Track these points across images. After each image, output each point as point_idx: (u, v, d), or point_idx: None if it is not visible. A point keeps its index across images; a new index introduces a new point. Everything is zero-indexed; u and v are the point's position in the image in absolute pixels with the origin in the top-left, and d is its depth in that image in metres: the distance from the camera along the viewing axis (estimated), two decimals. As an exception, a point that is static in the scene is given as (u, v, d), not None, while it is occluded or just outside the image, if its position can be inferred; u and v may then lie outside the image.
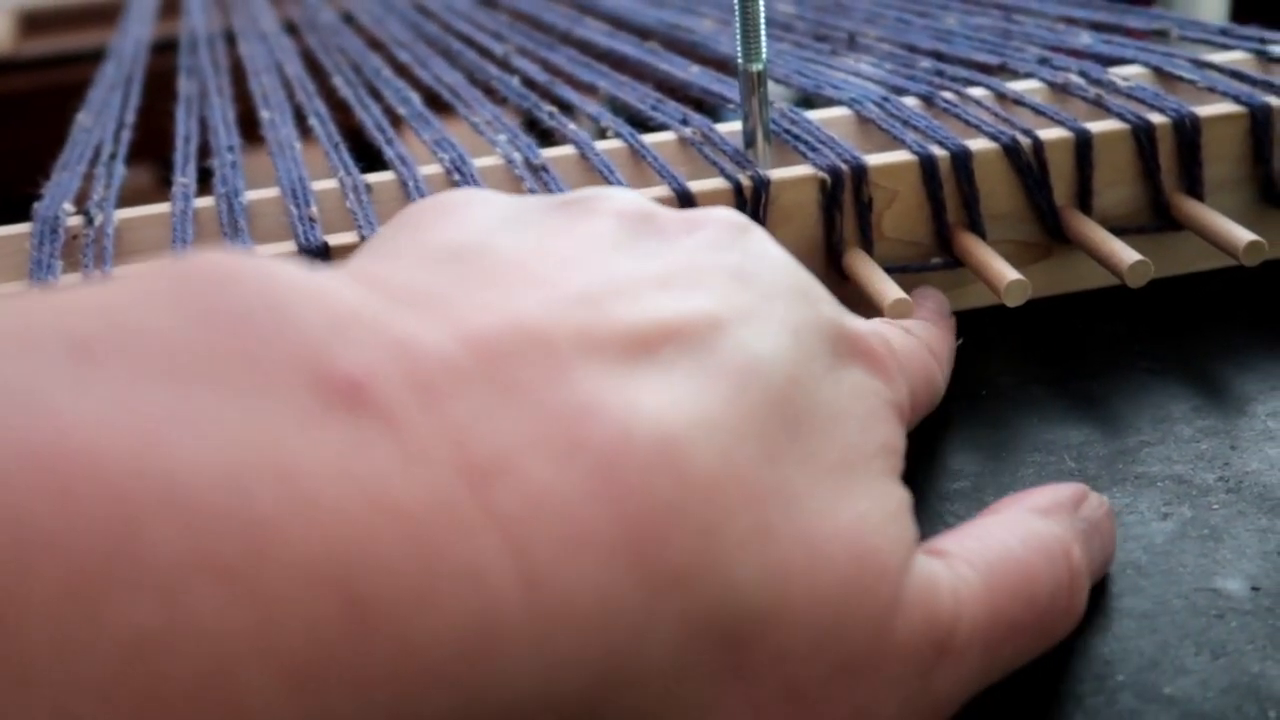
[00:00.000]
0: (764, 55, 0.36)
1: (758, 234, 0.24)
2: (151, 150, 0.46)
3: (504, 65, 0.53)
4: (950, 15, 0.53)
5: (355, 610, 0.15)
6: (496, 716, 0.16)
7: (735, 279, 0.22)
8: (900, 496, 0.22)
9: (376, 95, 0.49)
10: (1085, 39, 0.46)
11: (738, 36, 0.36)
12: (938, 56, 0.46)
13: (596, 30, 0.58)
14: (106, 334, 0.16)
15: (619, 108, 0.43)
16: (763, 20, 0.36)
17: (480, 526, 0.16)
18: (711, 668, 0.18)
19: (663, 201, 0.34)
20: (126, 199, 0.38)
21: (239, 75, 0.55)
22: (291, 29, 0.66)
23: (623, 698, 0.18)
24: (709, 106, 0.46)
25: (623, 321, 0.19)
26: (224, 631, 0.14)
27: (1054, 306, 0.37)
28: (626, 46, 0.54)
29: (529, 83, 0.49)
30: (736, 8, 0.35)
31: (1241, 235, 0.34)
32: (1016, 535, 0.23)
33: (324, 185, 0.37)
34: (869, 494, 0.21)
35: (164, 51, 0.64)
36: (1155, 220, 0.37)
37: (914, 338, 0.29)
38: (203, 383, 0.16)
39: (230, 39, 0.63)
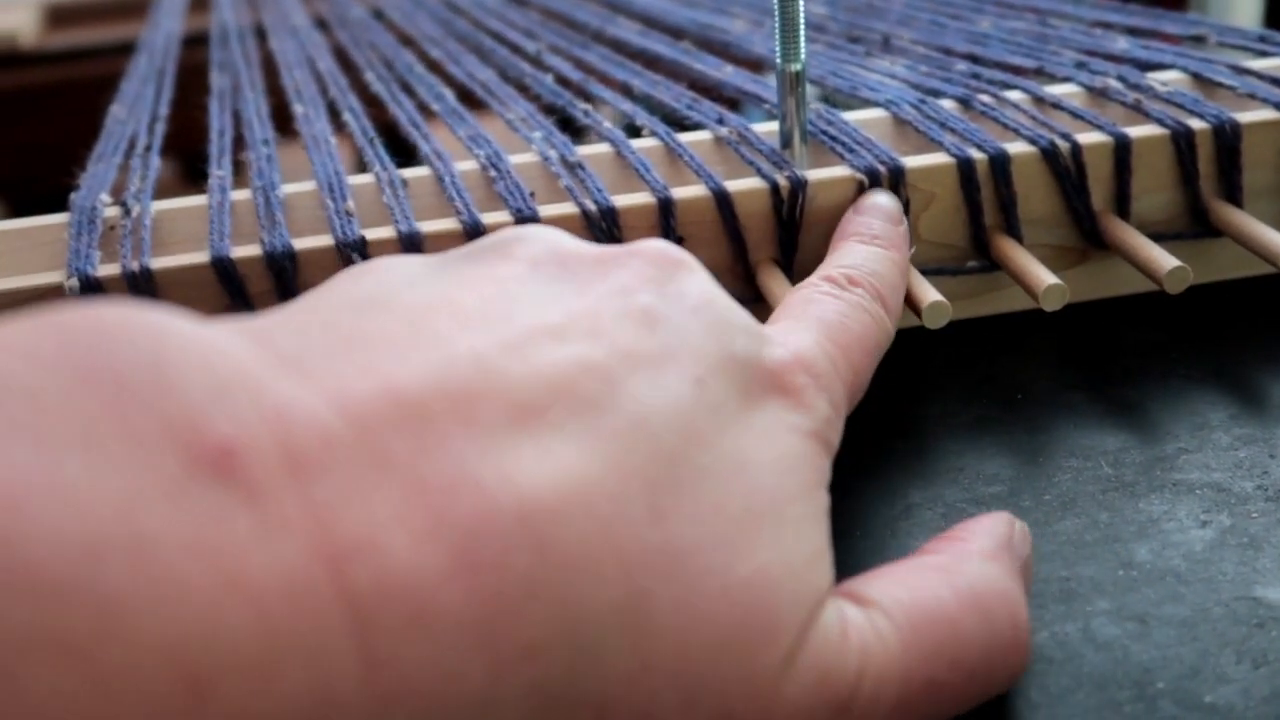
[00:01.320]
0: (803, 56, 0.36)
1: (684, 267, 0.23)
2: (175, 143, 0.46)
3: (536, 63, 0.53)
4: (984, 18, 0.52)
5: (196, 691, 0.15)
6: None
7: (641, 324, 0.21)
8: (815, 543, 0.21)
9: (409, 91, 0.49)
10: (1122, 44, 0.46)
11: (776, 37, 0.36)
12: (973, 59, 0.46)
13: (629, 29, 0.58)
14: None
15: (654, 106, 0.43)
16: (802, 20, 0.35)
17: (329, 606, 0.16)
18: None
19: (699, 202, 0.34)
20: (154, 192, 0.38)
21: (270, 69, 0.55)
22: (322, 24, 0.66)
23: None
24: (738, 106, 0.46)
25: (508, 385, 0.19)
26: (59, 713, 0.14)
27: (1091, 312, 0.37)
28: (659, 46, 0.54)
29: (562, 80, 0.49)
30: (776, 8, 0.35)
31: (1281, 243, 0.33)
32: (952, 587, 0.22)
33: (359, 180, 0.37)
34: (776, 544, 0.20)
35: (191, 45, 0.64)
36: (1193, 226, 0.37)
37: (853, 306, 0.27)
38: (72, 446, 0.15)
39: (260, 34, 0.64)
